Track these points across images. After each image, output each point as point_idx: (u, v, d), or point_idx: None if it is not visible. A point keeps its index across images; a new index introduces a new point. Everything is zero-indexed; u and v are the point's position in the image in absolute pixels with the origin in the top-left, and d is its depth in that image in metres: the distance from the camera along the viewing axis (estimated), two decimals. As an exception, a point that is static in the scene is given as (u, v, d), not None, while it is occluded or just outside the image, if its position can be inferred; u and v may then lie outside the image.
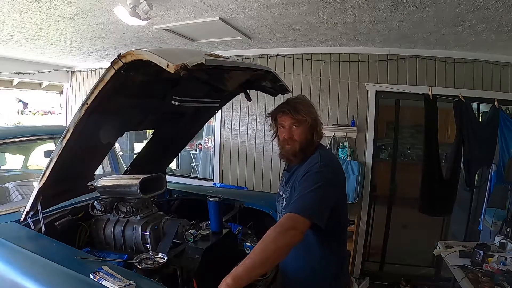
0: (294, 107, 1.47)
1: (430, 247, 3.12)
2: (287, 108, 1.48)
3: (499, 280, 2.08)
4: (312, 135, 1.50)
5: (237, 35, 3.49)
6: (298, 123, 1.47)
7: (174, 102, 1.76)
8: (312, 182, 1.33)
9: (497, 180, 3.17)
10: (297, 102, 1.50)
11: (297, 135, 1.48)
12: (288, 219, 1.23)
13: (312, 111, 1.50)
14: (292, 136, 1.48)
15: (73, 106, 6.05)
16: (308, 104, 1.51)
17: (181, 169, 6.11)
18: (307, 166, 1.41)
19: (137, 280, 1.15)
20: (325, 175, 1.36)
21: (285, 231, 1.19)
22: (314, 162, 1.41)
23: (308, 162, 1.45)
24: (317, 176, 1.34)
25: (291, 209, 1.27)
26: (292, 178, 1.49)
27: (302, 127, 1.47)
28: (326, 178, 1.36)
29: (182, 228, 1.67)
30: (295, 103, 1.49)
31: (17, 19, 3.02)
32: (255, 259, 1.12)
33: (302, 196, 1.30)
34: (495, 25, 2.65)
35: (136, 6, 2.50)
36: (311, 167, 1.39)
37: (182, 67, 1.07)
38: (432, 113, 3.20)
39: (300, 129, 1.47)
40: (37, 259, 1.27)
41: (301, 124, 1.47)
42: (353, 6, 2.51)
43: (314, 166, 1.39)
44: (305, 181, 1.35)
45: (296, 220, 1.22)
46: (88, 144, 1.60)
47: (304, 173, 1.38)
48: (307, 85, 4.12)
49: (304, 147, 1.48)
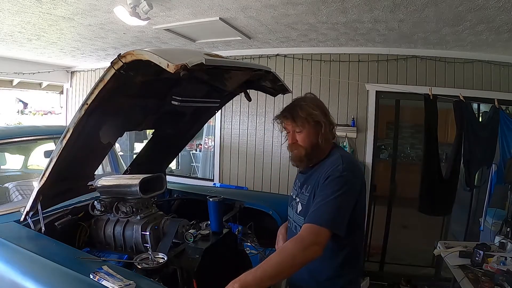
0: (293, 112, 1.40)
1: (430, 247, 3.12)
2: (287, 113, 1.42)
3: (499, 280, 2.08)
4: (318, 138, 1.40)
5: (237, 35, 3.49)
6: (299, 128, 1.40)
7: (174, 102, 1.76)
8: (334, 187, 1.26)
9: (498, 180, 3.17)
10: (296, 105, 1.42)
11: (300, 140, 1.41)
12: (310, 234, 1.18)
13: (314, 113, 1.39)
14: (296, 141, 1.42)
15: (73, 106, 6.05)
16: (312, 106, 1.41)
17: (181, 169, 6.11)
18: (328, 169, 1.32)
19: (137, 280, 1.15)
20: (348, 179, 1.28)
21: (306, 248, 1.14)
22: (336, 165, 1.32)
23: (328, 164, 1.36)
24: (340, 181, 1.27)
25: (312, 219, 1.21)
26: (310, 181, 1.41)
27: (305, 132, 1.39)
28: (349, 183, 1.28)
29: (182, 228, 1.67)
30: (295, 107, 1.41)
31: (17, 19, 3.02)
32: (268, 271, 1.09)
33: (324, 204, 1.24)
34: (495, 25, 2.65)
35: (136, 6, 2.50)
36: (332, 170, 1.30)
37: (182, 67, 1.07)
38: (432, 113, 3.19)
39: (303, 134, 1.40)
40: (37, 259, 1.27)
41: (304, 129, 1.39)
42: (353, 6, 2.51)
43: (336, 169, 1.30)
44: (327, 186, 1.28)
45: (318, 233, 1.17)
46: (88, 144, 1.60)
47: (326, 177, 1.30)
48: (307, 85, 4.12)
49: (310, 152, 1.40)
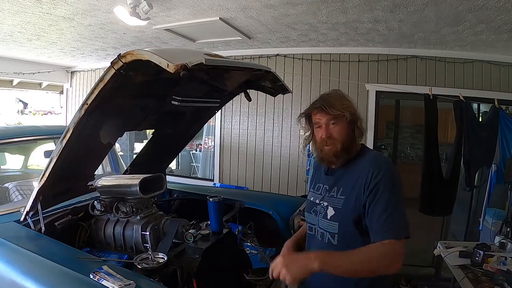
0: (328, 102, 1.30)
1: (430, 247, 3.12)
2: (321, 103, 1.30)
3: (499, 280, 2.08)
4: (353, 132, 1.31)
5: (237, 35, 3.49)
6: (335, 119, 1.29)
7: (174, 102, 1.76)
8: (393, 192, 1.18)
9: (497, 180, 3.17)
10: (330, 96, 1.34)
11: (336, 132, 1.30)
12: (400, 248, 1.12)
13: (348, 104, 1.31)
14: (331, 134, 1.30)
15: (73, 106, 6.06)
16: (343, 97, 1.34)
17: (181, 169, 6.11)
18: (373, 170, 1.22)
19: (137, 280, 1.15)
20: (397, 179, 1.23)
21: (391, 266, 1.11)
22: (379, 165, 1.23)
23: (368, 163, 1.26)
24: (395, 183, 1.21)
25: (396, 233, 1.13)
26: (343, 183, 1.31)
27: (341, 124, 1.30)
28: (399, 182, 1.23)
29: (182, 228, 1.67)
30: (329, 98, 1.32)
31: (17, 19, 3.02)
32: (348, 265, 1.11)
33: (393, 213, 1.15)
34: (495, 25, 2.65)
35: (136, 6, 2.50)
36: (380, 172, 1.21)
37: (182, 67, 1.08)
38: (432, 113, 3.19)
39: (339, 126, 1.30)
40: (37, 259, 1.27)
41: (340, 120, 1.29)
42: (353, 6, 2.51)
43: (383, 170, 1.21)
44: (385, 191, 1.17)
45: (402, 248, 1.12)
46: (88, 144, 1.60)
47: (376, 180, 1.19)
48: (307, 85, 4.12)
49: (347, 146, 1.30)
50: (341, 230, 1.26)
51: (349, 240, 1.25)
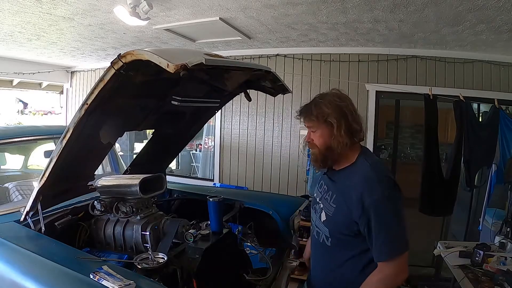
0: (307, 109, 1.33)
1: (430, 247, 3.12)
2: (302, 109, 1.35)
3: (499, 280, 2.08)
4: (343, 137, 1.29)
5: (237, 35, 3.49)
6: (314, 127, 1.33)
7: (174, 102, 1.76)
8: (389, 211, 1.20)
9: (497, 180, 3.16)
10: (313, 102, 1.34)
11: (315, 139, 1.33)
12: (394, 267, 1.19)
13: (326, 111, 1.28)
14: (312, 140, 1.35)
15: (73, 106, 6.06)
16: (326, 104, 1.30)
17: (181, 169, 6.11)
18: (363, 186, 1.22)
19: (137, 280, 1.15)
20: (394, 196, 1.22)
21: (394, 280, 1.21)
22: (372, 183, 1.22)
23: (360, 178, 1.25)
24: (390, 202, 1.20)
25: (391, 254, 1.19)
26: (336, 190, 1.33)
27: (320, 131, 1.31)
28: (396, 199, 1.22)
29: (182, 228, 1.67)
30: (311, 104, 1.34)
31: (17, 19, 3.02)
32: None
33: (389, 233, 1.19)
34: (495, 25, 2.65)
35: (136, 6, 2.50)
36: (372, 191, 1.20)
37: (182, 67, 1.07)
38: (432, 113, 3.19)
39: (317, 134, 1.32)
40: (37, 259, 1.27)
41: (318, 128, 1.31)
42: (353, 6, 2.51)
43: (377, 189, 1.20)
44: (381, 213, 1.19)
45: (401, 263, 1.19)
46: (88, 144, 1.60)
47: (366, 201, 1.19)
48: (307, 85, 4.12)
49: (325, 153, 1.31)
50: (332, 235, 1.31)
51: (342, 244, 1.29)
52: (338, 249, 1.30)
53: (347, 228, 1.25)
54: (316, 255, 1.46)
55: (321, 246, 1.36)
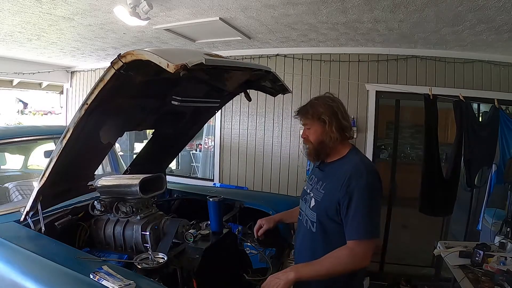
0: (304, 109, 1.50)
1: (430, 247, 3.12)
2: (299, 109, 1.52)
3: (499, 280, 2.08)
4: (335, 134, 1.44)
5: (237, 35, 3.49)
6: (309, 124, 1.49)
7: (174, 102, 1.75)
8: (367, 197, 1.32)
9: (497, 180, 3.17)
10: (309, 102, 1.51)
11: (310, 135, 1.50)
12: (363, 250, 1.30)
13: (320, 110, 1.45)
14: (306, 136, 1.51)
15: (73, 106, 6.06)
16: (321, 104, 1.47)
17: (181, 169, 6.11)
18: (351, 175, 1.35)
19: (137, 280, 1.15)
20: (375, 186, 1.36)
21: (359, 262, 1.31)
22: (359, 172, 1.36)
23: (349, 168, 1.39)
24: (370, 189, 1.34)
25: (360, 235, 1.30)
26: (326, 179, 1.46)
27: (314, 128, 1.48)
28: (376, 189, 1.37)
29: (182, 228, 1.67)
30: (307, 104, 1.51)
31: (17, 19, 3.02)
32: (319, 270, 1.31)
33: (364, 215, 1.31)
34: (495, 25, 2.65)
35: (136, 6, 2.50)
36: (358, 178, 1.34)
37: (182, 67, 1.07)
38: (432, 113, 3.19)
39: (311, 130, 1.49)
40: (37, 259, 1.27)
41: (313, 126, 1.48)
42: (353, 6, 2.51)
43: (361, 177, 1.34)
44: (360, 197, 1.31)
45: (368, 248, 1.31)
46: (88, 144, 1.60)
47: (353, 186, 1.33)
48: (307, 85, 4.12)
49: (317, 148, 1.47)
50: (318, 220, 1.43)
51: (325, 228, 1.42)
52: (322, 235, 1.43)
53: (332, 210, 1.38)
54: (302, 241, 1.56)
55: (307, 232, 1.49)
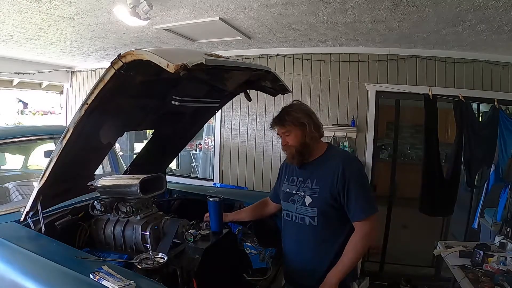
0: (280, 118, 1.62)
1: (430, 247, 3.12)
2: (276, 120, 1.65)
3: (499, 280, 2.08)
4: (311, 135, 1.60)
5: (237, 35, 3.49)
6: (288, 132, 1.61)
7: (174, 102, 1.76)
8: (361, 178, 1.56)
9: (495, 180, 3.17)
10: (283, 112, 1.64)
11: (290, 141, 1.62)
12: (371, 227, 1.51)
13: (298, 116, 1.59)
14: (287, 142, 1.63)
15: (73, 106, 6.05)
16: (296, 111, 1.62)
17: (181, 169, 6.11)
18: (343, 163, 1.54)
19: (137, 280, 1.15)
20: (361, 167, 1.64)
21: (372, 238, 1.54)
22: (348, 159, 1.60)
23: (337, 159, 1.58)
24: (361, 171, 1.60)
25: (366, 213, 1.49)
26: (317, 176, 1.59)
27: (294, 133, 1.60)
28: (363, 170, 1.64)
29: (182, 228, 1.67)
30: (283, 114, 1.63)
31: (17, 19, 3.02)
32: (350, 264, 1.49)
33: (363, 195, 1.51)
34: (495, 25, 2.65)
35: (136, 6, 2.50)
36: (349, 165, 1.55)
37: (182, 67, 1.07)
38: (432, 113, 3.19)
39: (291, 136, 1.61)
40: (37, 259, 1.27)
41: (292, 131, 1.60)
42: (353, 6, 2.51)
43: (351, 163, 1.58)
44: (356, 180, 1.52)
45: (374, 222, 1.53)
46: (88, 144, 1.60)
47: (348, 173, 1.52)
48: (307, 85, 4.12)
49: (300, 150, 1.60)
50: (319, 213, 1.55)
51: (327, 219, 1.56)
52: (325, 226, 1.56)
53: (333, 199, 1.53)
54: (300, 238, 1.63)
55: (306, 228, 1.59)
